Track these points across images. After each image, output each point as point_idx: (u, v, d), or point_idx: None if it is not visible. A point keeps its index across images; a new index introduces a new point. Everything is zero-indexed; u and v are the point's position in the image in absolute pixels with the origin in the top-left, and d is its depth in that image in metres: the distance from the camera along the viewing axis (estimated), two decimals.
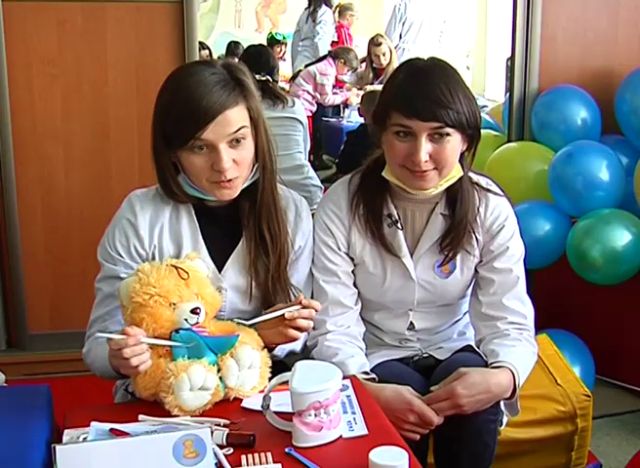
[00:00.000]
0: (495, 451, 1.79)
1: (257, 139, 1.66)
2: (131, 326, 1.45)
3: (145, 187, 1.75)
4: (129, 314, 1.51)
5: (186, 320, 1.50)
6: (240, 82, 1.62)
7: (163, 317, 1.49)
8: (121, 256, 1.68)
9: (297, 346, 1.77)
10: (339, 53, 6.46)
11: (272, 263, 1.71)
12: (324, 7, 6.99)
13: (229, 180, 1.62)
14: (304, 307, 1.55)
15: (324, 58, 6.43)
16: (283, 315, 1.54)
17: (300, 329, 1.56)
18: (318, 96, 6.31)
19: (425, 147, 1.67)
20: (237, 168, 1.62)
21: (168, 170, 1.65)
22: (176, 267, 1.54)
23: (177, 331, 1.49)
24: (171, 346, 1.48)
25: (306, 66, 6.43)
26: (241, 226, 1.72)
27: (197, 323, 1.51)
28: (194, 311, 1.50)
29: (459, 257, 1.82)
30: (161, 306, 1.49)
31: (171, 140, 1.62)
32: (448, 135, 1.67)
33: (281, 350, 1.69)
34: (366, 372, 1.74)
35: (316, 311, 1.57)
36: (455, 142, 1.69)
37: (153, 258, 1.68)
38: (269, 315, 1.57)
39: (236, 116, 1.60)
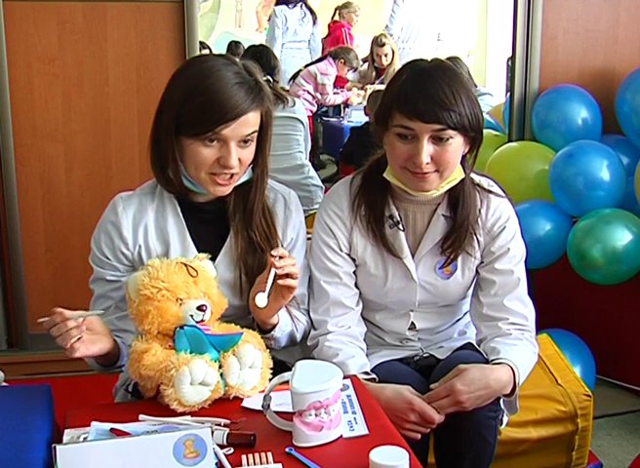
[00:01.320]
0: (495, 449, 1.79)
1: (264, 143, 1.69)
2: (62, 308, 1.49)
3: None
4: (135, 307, 1.52)
5: (192, 316, 1.50)
6: (261, 87, 1.65)
7: (169, 312, 1.50)
8: (108, 259, 1.70)
9: (295, 331, 1.77)
10: (338, 53, 6.44)
11: (262, 257, 1.71)
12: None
13: (230, 177, 1.64)
14: (281, 258, 1.57)
15: (324, 57, 6.42)
16: (275, 275, 1.56)
17: (292, 276, 1.58)
18: (319, 95, 6.30)
19: (427, 149, 1.66)
20: (239, 166, 1.64)
21: (171, 154, 1.65)
22: (185, 265, 1.55)
23: (181, 327, 1.50)
24: (94, 314, 1.54)
25: (306, 66, 6.42)
26: (228, 222, 1.74)
27: (202, 320, 1.51)
28: (200, 308, 1.51)
29: (460, 259, 1.82)
30: (168, 301, 1.50)
31: (183, 127, 1.62)
32: (450, 137, 1.67)
33: (281, 331, 1.70)
34: (366, 373, 1.74)
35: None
36: (456, 145, 1.69)
37: (140, 258, 1.69)
38: (269, 279, 1.56)
39: (253, 119, 1.63)
